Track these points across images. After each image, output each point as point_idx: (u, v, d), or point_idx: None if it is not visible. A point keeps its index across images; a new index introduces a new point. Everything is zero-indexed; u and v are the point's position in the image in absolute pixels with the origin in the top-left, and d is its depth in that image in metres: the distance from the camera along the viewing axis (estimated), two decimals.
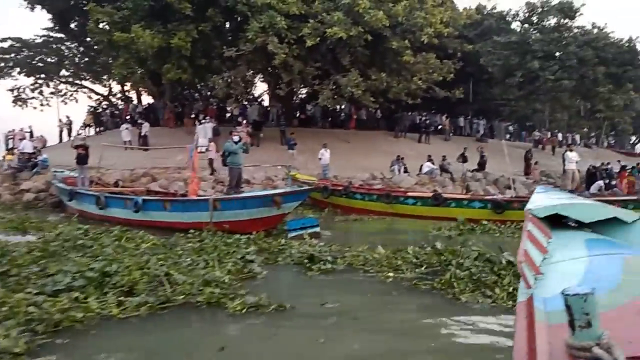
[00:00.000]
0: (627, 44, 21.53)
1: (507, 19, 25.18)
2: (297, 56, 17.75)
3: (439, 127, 27.69)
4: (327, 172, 16.42)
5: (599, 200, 11.80)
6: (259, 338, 3.96)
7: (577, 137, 32.38)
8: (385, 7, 17.22)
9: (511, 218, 9.97)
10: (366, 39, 17.24)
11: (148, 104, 26.88)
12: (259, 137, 20.17)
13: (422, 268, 5.99)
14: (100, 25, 19.31)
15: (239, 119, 20.49)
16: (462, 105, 28.17)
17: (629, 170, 17.25)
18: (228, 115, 24.25)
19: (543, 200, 3.16)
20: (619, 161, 23.32)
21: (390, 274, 5.82)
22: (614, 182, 13.70)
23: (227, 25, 20.35)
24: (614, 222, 2.61)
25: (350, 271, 6.13)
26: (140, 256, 5.85)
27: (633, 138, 45.24)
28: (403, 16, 17.68)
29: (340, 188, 13.70)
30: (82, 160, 12.89)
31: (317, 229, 8.88)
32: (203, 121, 19.62)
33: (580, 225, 2.72)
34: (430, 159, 18.78)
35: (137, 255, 5.98)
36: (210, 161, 15.86)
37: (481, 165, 19.54)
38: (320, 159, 16.73)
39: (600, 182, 13.67)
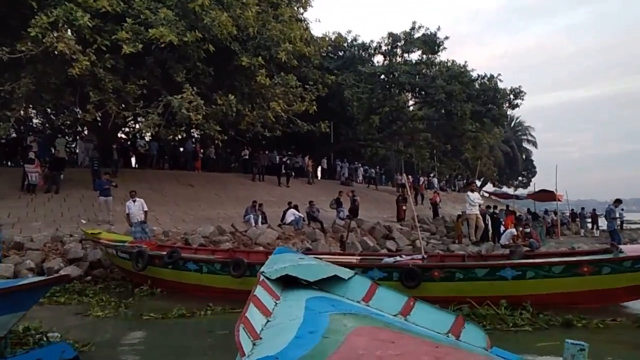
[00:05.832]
0: (488, 82, 21.09)
1: (370, 51, 23.55)
2: (113, 68, 12.87)
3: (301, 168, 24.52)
4: (138, 234, 11.04)
5: (529, 259, 8.10)
6: None
7: (435, 180, 32.07)
8: (232, 13, 13.44)
9: (432, 294, 6.30)
10: (208, 50, 13.16)
11: None
12: (59, 179, 14.35)
13: None
14: None
15: (31, 155, 14.33)
16: (324, 146, 25.58)
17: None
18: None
19: (277, 262, 3.51)
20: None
21: None
22: (528, 230, 11.44)
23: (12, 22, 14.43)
24: (336, 278, 3.23)
25: None
26: None
27: (478, 182, 47.38)
28: (255, 28, 14.10)
29: (164, 253, 8.91)
30: None
31: None
32: None
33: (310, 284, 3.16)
34: (294, 206, 15.06)
35: None
36: None
37: (353, 212, 16.39)
38: (127, 213, 11.50)
39: (513, 230, 11.29)
